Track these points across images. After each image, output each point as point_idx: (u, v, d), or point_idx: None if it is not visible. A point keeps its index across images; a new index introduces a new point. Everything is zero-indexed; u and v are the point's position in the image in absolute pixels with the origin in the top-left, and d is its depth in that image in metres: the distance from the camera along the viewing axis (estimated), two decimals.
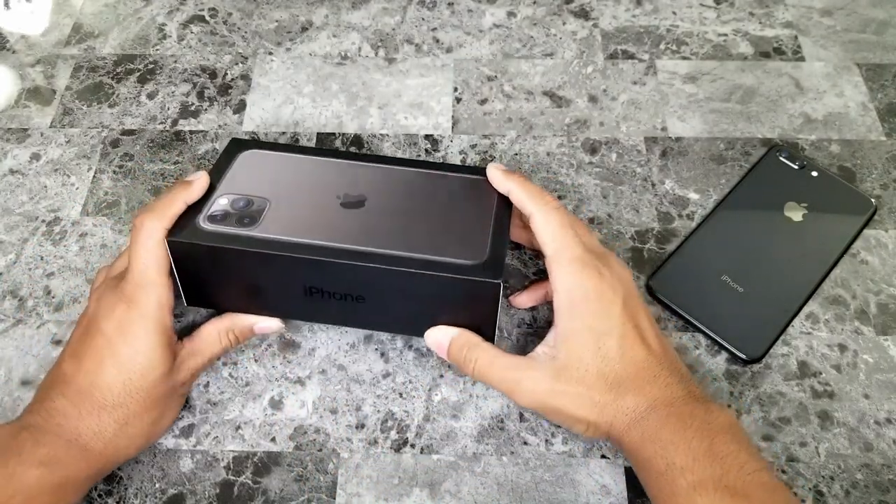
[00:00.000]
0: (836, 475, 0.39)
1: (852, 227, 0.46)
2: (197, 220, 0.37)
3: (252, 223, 0.37)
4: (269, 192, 0.39)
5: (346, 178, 0.41)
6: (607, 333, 0.35)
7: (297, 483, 0.39)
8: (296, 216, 0.38)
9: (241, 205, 0.38)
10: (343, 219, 0.38)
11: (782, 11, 0.58)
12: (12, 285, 0.45)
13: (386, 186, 0.40)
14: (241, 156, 0.42)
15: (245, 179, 0.40)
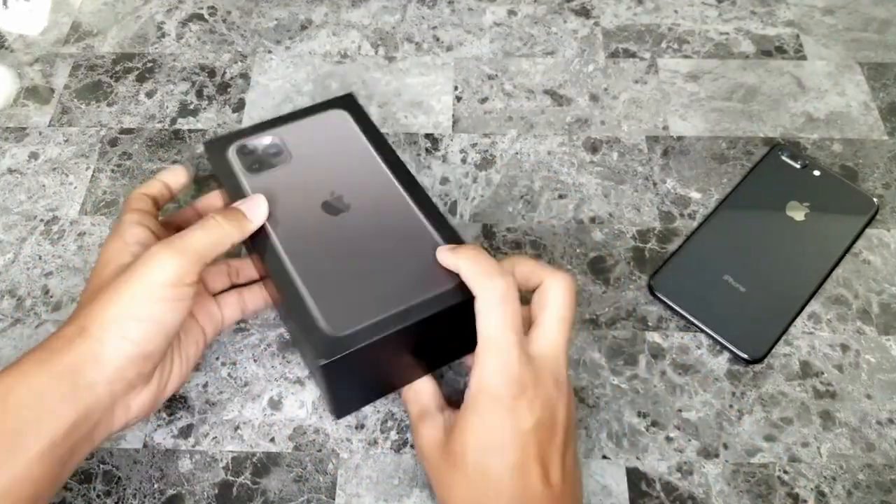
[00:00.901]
0: (838, 475, 0.38)
1: (854, 226, 0.46)
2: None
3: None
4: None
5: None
6: (500, 449, 0.31)
7: (297, 483, 0.38)
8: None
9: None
10: (319, 226, 0.38)
11: (784, 10, 0.58)
12: (10, 285, 0.45)
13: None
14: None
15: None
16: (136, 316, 0.32)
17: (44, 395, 0.30)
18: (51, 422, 0.30)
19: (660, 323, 0.43)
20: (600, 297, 0.44)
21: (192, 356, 0.38)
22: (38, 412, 0.30)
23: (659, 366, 0.42)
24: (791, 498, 0.38)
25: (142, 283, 0.32)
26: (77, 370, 0.31)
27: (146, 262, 0.33)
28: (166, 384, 0.36)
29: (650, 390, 0.41)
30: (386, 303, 0.35)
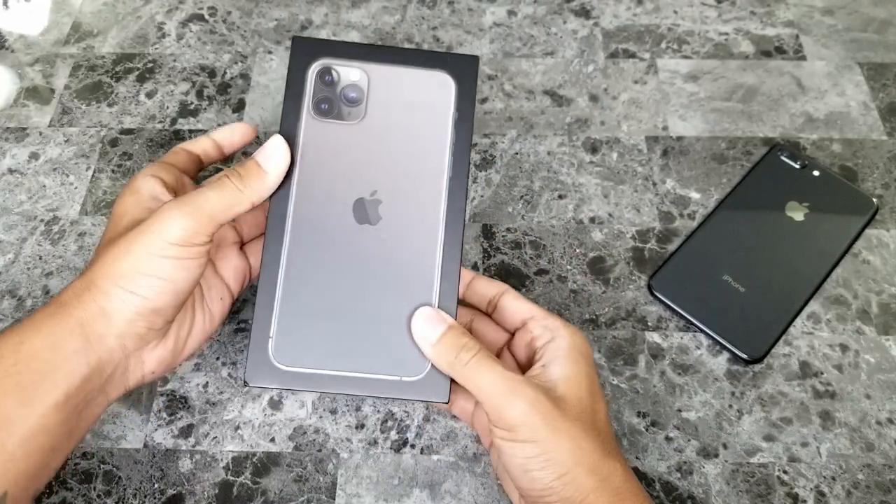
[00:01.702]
0: (837, 475, 0.38)
1: (854, 226, 0.46)
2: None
3: None
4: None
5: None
6: (600, 398, 0.33)
7: (297, 483, 0.38)
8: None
9: None
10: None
11: (783, 10, 0.58)
12: (11, 285, 0.45)
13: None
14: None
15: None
16: (144, 271, 0.31)
17: (56, 346, 0.30)
18: (64, 372, 0.30)
19: (659, 323, 0.43)
20: (600, 298, 0.44)
21: (216, 312, 0.37)
22: (52, 363, 0.30)
23: (658, 366, 0.42)
24: (790, 498, 0.38)
25: (150, 240, 0.31)
26: (87, 323, 0.31)
27: (156, 220, 0.32)
28: (186, 341, 0.35)
29: (650, 390, 0.41)
30: (345, 359, 0.33)
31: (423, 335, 0.33)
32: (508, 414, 0.31)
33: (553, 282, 0.45)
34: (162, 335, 0.34)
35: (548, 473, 0.31)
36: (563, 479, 0.31)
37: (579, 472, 0.31)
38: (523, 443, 0.31)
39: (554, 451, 0.31)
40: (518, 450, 0.31)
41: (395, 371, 0.33)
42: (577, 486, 0.31)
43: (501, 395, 0.31)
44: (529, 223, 0.47)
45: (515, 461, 0.31)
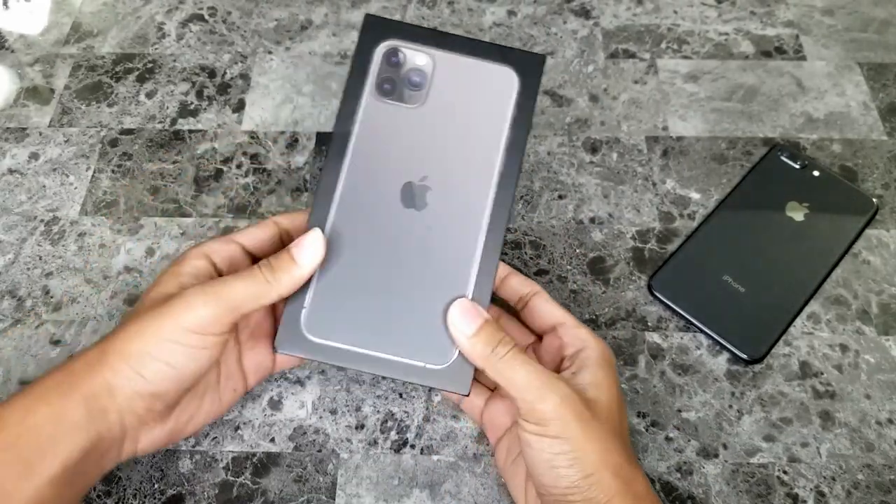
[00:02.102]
0: (837, 476, 0.38)
1: (854, 226, 0.46)
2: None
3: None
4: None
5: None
6: (624, 409, 0.34)
7: (297, 484, 0.38)
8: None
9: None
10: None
11: (783, 10, 0.58)
12: (11, 285, 0.45)
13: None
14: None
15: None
16: (153, 354, 0.31)
17: (59, 418, 0.30)
18: (65, 445, 0.30)
19: (659, 323, 0.43)
20: (600, 298, 0.44)
21: (226, 401, 0.37)
22: (54, 435, 0.30)
23: (658, 366, 0.42)
24: (790, 498, 0.38)
25: (166, 324, 0.31)
26: (92, 396, 0.31)
27: (176, 303, 0.32)
28: (186, 424, 0.35)
29: (650, 390, 0.41)
30: (373, 339, 0.33)
31: (459, 327, 0.33)
32: (542, 407, 0.31)
33: (553, 282, 0.45)
34: (162, 417, 0.34)
35: (575, 472, 0.31)
36: (590, 479, 0.31)
37: (605, 474, 0.31)
38: (553, 438, 0.31)
39: (583, 451, 0.31)
40: (547, 445, 0.31)
41: (421, 357, 0.33)
42: (602, 488, 0.31)
43: (536, 389, 0.31)
44: (529, 223, 0.47)
45: (543, 456, 0.31)
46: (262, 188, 0.49)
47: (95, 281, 0.45)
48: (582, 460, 0.31)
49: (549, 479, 0.31)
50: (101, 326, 0.43)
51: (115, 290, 0.45)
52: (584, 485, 0.31)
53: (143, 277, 0.45)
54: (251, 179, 0.50)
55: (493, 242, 0.34)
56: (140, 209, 0.48)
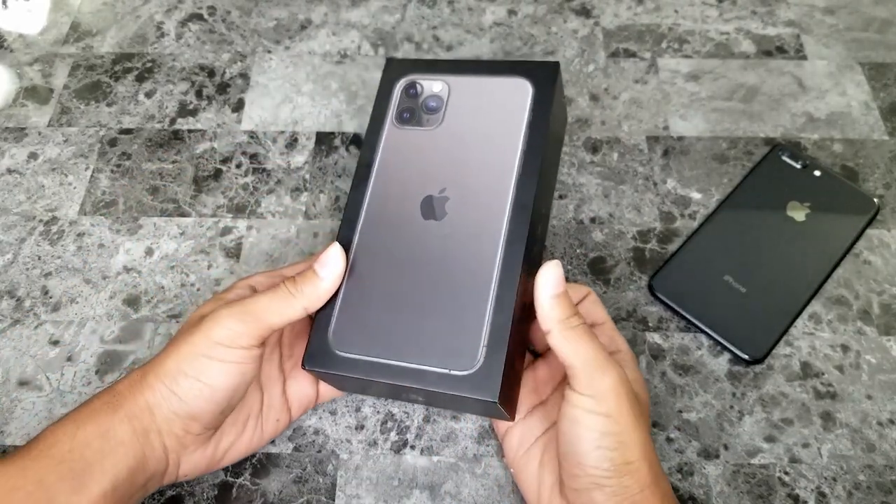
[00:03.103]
0: (838, 476, 0.38)
1: (855, 226, 0.46)
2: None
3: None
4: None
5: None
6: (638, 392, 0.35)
7: (297, 484, 0.38)
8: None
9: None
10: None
11: (784, 10, 0.57)
12: (10, 285, 0.45)
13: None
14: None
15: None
16: (186, 372, 0.32)
17: (106, 435, 0.31)
18: (112, 461, 0.31)
19: (660, 323, 0.43)
20: (601, 298, 0.44)
21: (268, 431, 0.37)
22: (102, 451, 0.31)
23: (659, 366, 0.42)
24: (791, 499, 0.38)
25: (197, 340, 0.32)
26: (134, 416, 0.32)
27: (208, 319, 0.33)
28: (227, 451, 0.35)
29: (650, 391, 0.41)
30: (399, 349, 0.33)
31: (547, 285, 0.32)
32: (601, 382, 0.31)
33: None
34: (202, 441, 0.34)
35: (619, 455, 0.31)
36: (630, 466, 0.31)
37: (643, 464, 0.31)
38: (606, 417, 0.31)
39: (629, 436, 0.31)
40: (599, 423, 0.31)
41: (446, 364, 0.32)
42: (638, 478, 0.31)
43: (600, 364, 0.31)
44: None
45: (590, 435, 0.31)
46: (261, 188, 0.49)
47: (94, 281, 0.45)
48: (627, 445, 0.31)
49: (591, 459, 0.31)
50: (100, 327, 0.43)
51: (114, 290, 0.45)
52: (623, 470, 0.31)
53: (143, 277, 0.45)
54: (250, 179, 0.49)
55: (515, 243, 0.34)
56: (139, 209, 0.48)
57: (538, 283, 0.33)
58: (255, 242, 0.47)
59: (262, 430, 0.37)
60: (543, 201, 0.37)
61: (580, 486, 0.32)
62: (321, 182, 0.49)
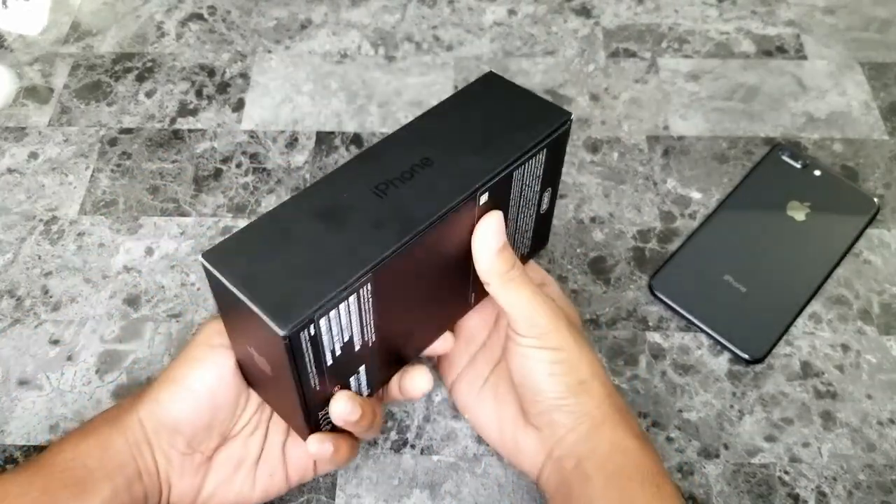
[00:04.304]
0: (838, 476, 0.38)
1: (855, 226, 0.46)
2: None
3: None
4: None
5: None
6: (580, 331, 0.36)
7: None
8: None
9: None
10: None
11: (785, 10, 0.57)
12: (10, 285, 0.45)
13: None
14: None
15: None
16: (171, 377, 0.32)
17: (105, 446, 0.32)
18: (112, 473, 0.31)
19: (660, 323, 0.43)
20: (600, 298, 0.44)
21: (260, 486, 0.35)
22: (101, 460, 0.31)
23: (659, 366, 0.42)
24: (791, 498, 0.38)
25: (184, 350, 0.33)
26: (129, 428, 0.32)
27: (198, 327, 0.34)
28: (213, 491, 0.34)
29: (650, 391, 0.41)
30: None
31: (490, 240, 0.32)
32: (541, 321, 0.33)
33: None
34: (189, 467, 0.33)
35: (572, 378, 0.33)
36: (583, 385, 0.33)
37: (595, 382, 0.34)
38: (552, 349, 0.33)
39: (577, 359, 0.33)
40: (546, 354, 0.33)
41: None
42: (593, 395, 0.33)
43: (535, 306, 0.33)
44: None
45: (541, 366, 0.33)
46: (261, 187, 0.49)
47: (94, 280, 0.45)
48: (577, 367, 0.33)
49: (546, 386, 0.33)
50: (100, 326, 0.43)
51: (114, 289, 0.45)
52: (578, 390, 0.33)
53: (143, 277, 0.45)
54: (251, 179, 0.49)
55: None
56: (139, 209, 0.48)
57: (480, 240, 0.32)
58: None
59: (253, 481, 0.35)
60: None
61: (540, 410, 0.34)
62: None
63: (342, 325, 0.29)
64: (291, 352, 0.27)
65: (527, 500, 0.38)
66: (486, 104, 0.35)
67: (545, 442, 0.34)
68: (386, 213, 0.30)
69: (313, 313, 0.27)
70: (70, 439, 0.33)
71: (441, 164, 0.32)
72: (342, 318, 0.28)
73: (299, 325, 0.26)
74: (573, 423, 0.33)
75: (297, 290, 0.27)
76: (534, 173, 0.34)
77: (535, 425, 0.35)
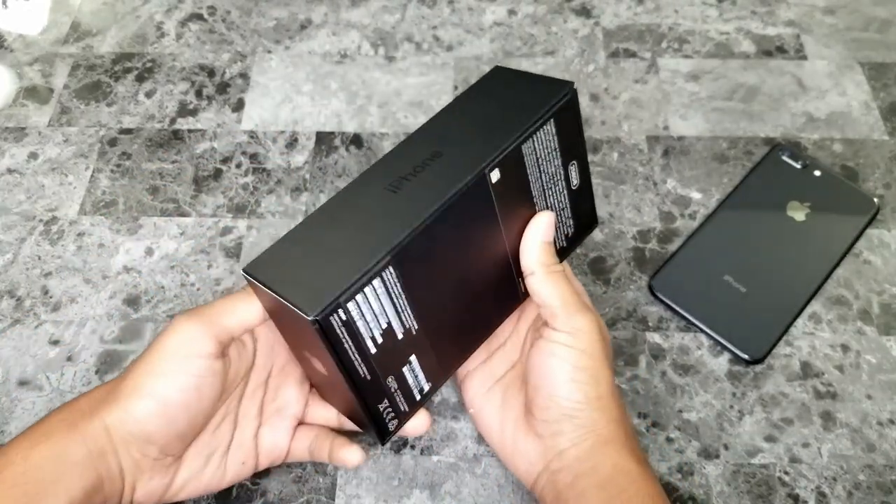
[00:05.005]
0: (838, 476, 0.38)
1: (855, 226, 0.46)
2: None
3: None
4: None
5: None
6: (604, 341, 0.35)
7: (297, 484, 0.38)
8: None
9: None
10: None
11: (785, 10, 0.57)
12: (10, 285, 0.45)
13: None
14: None
15: None
16: (140, 390, 0.31)
17: (61, 457, 0.30)
18: (68, 485, 0.30)
19: (660, 323, 0.43)
20: (600, 298, 0.44)
21: (230, 473, 0.35)
22: (56, 473, 0.30)
23: (659, 366, 0.42)
24: (791, 498, 0.38)
25: (154, 354, 0.31)
26: (91, 437, 0.30)
27: (166, 329, 0.31)
28: (185, 484, 0.34)
29: (650, 391, 0.41)
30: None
31: (542, 232, 0.34)
32: (578, 320, 0.33)
33: None
34: (160, 469, 0.32)
35: (591, 389, 0.33)
36: (600, 401, 0.33)
37: (611, 400, 0.33)
38: (580, 351, 0.33)
39: (601, 373, 0.33)
40: (573, 356, 0.33)
41: None
42: (606, 412, 0.33)
43: (576, 304, 0.34)
44: None
45: (565, 367, 0.33)
46: (261, 188, 0.49)
47: (94, 281, 0.45)
48: (598, 380, 0.33)
49: (564, 390, 0.33)
50: (100, 326, 0.43)
51: (114, 290, 0.45)
52: (594, 404, 0.33)
53: (142, 277, 0.45)
54: (251, 179, 0.49)
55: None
56: (139, 209, 0.48)
57: (531, 228, 0.34)
58: (255, 242, 0.46)
59: (224, 470, 0.35)
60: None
61: (550, 417, 0.33)
62: (321, 182, 0.49)
63: (375, 311, 0.30)
64: (326, 336, 0.29)
65: (526, 501, 0.38)
66: (493, 94, 0.36)
67: (545, 452, 0.34)
68: (400, 204, 0.32)
69: (339, 297, 0.28)
70: (19, 447, 0.30)
71: (450, 154, 0.33)
72: (372, 302, 0.30)
73: (328, 310, 0.28)
74: (578, 438, 0.33)
75: (323, 281, 0.29)
76: (547, 146, 0.34)
77: (539, 433, 0.34)
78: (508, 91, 0.36)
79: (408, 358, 0.33)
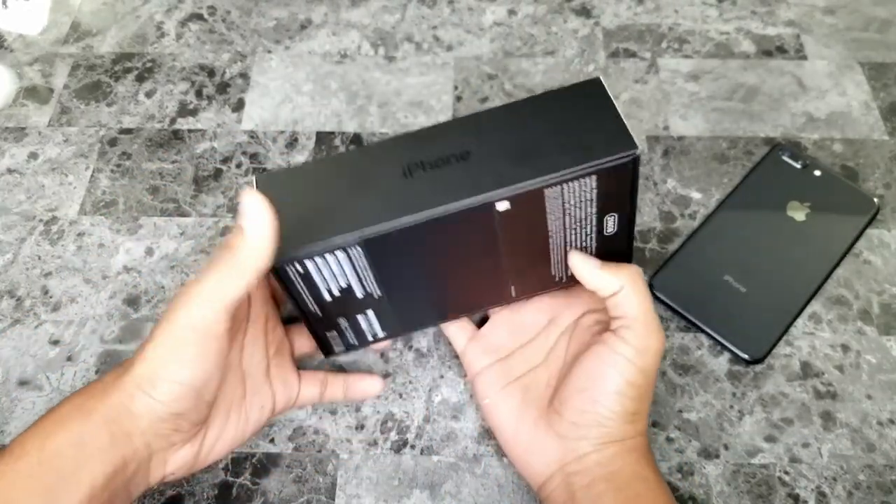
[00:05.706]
0: (838, 476, 0.38)
1: (855, 226, 0.46)
2: None
3: None
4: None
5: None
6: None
7: (297, 484, 0.38)
8: None
9: None
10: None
11: (785, 10, 0.57)
12: (10, 285, 0.45)
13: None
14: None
15: None
16: (161, 375, 0.30)
17: (81, 443, 0.29)
18: (88, 471, 0.29)
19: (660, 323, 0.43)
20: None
21: (252, 420, 0.36)
22: (76, 460, 0.29)
23: (659, 366, 0.42)
24: (791, 498, 0.38)
25: (170, 338, 0.30)
26: (113, 420, 0.30)
27: (177, 310, 0.30)
28: (214, 445, 0.34)
29: None
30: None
31: (588, 264, 0.35)
32: (649, 340, 0.34)
33: None
34: (190, 437, 0.33)
35: (633, 404, 0.34)
36: (636, 416, 0.34)
37: (643, 421, 0.35)
38: (639, 370, 0.33)
39: (647, 392, 0.34)
40: (630, 371, 0.33)
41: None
42: (636, 425, 0.34)
43: (654, 323, 0.34)
44: None
45: (618, 379, 0.33)
46: None
47: (94, 281, 0.45)
48: (643, 398, 0.34)
49: (608, 399, 0.33)
50: (100, 326, 0.43)
51: (114, 290, 0.45)
52: (628, 419, 0.34)
53: (143, 277, 0.45)
54: (251, 179, 0.49)
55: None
56: (139, 209, 0.48)
57: (580, 268, 0.35)
58: None
59: (246, 419, 0.35)
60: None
61: (582, 421, 0.34)
62: None
63: (334, 272, 0.33)
64: (281, 280, 0.33)
65: (527, 501, 0.38)
66: (563, 112, 0.33)
67: (565, 454, 0.34)
68: (402, 193, 0.32)
69: (299, 253, 0.32)
70: (34, 437, 0.29)
71: (476, 162, 0.32)
72: (332, 266, 0.33)
73: (285, 260, 0.32)
74: (601, 445, 0.34)
75: (298, 231, 0.32)
76: (581, 196, 0.33)
77: (562, 433, 0.34)
78: (578, 118, 0.33)
79: (364, 311, 0.36)
